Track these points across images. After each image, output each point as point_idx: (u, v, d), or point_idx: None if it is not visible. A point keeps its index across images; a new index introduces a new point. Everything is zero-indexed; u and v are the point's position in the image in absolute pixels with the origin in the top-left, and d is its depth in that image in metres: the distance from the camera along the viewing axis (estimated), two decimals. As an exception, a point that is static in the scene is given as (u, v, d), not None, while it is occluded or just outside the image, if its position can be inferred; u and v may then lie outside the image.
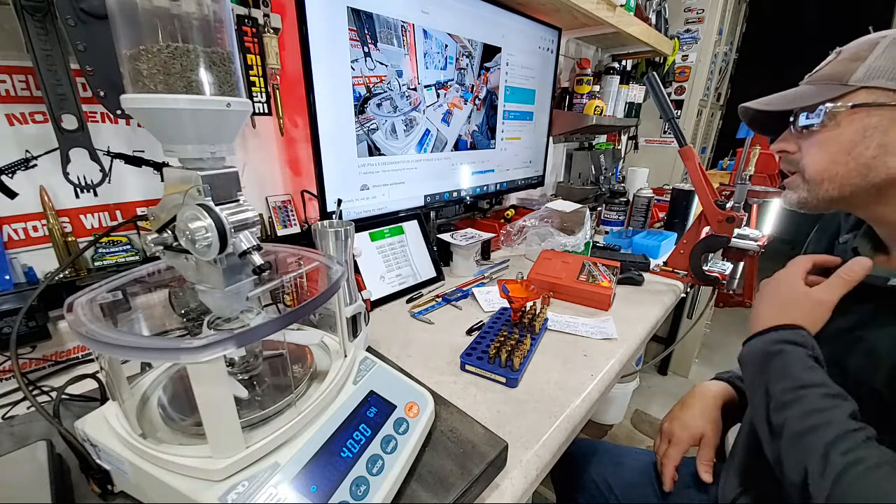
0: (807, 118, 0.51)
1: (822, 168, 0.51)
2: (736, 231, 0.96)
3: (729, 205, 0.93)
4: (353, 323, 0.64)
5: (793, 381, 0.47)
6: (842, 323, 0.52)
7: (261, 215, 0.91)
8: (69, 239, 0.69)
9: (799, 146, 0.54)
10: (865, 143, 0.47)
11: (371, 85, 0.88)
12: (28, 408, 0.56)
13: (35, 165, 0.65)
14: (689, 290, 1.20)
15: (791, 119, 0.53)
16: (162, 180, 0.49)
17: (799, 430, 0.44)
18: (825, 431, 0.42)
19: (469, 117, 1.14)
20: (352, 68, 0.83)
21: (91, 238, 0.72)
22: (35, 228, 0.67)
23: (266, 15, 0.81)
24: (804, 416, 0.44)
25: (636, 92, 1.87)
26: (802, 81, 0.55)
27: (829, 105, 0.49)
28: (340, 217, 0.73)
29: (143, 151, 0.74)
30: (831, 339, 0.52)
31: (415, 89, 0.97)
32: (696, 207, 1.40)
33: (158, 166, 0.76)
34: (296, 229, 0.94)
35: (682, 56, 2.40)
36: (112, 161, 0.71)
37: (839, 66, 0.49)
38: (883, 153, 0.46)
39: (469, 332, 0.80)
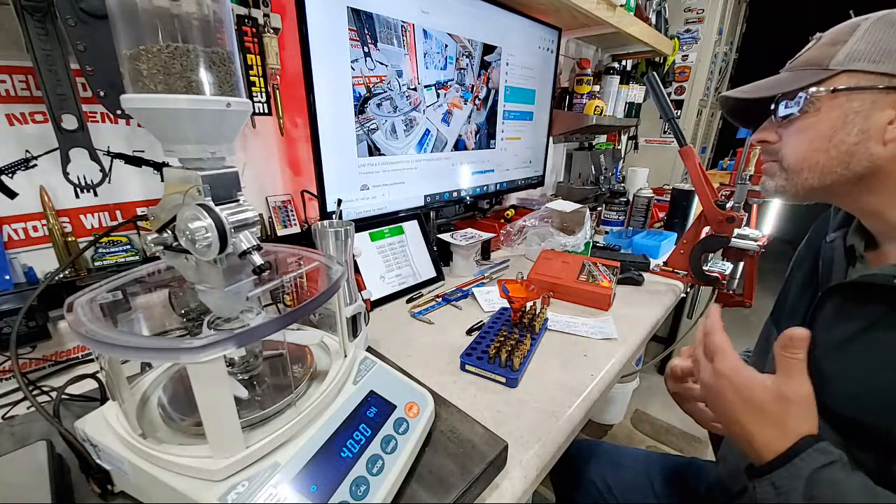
0: (786, 107, 0.49)
1: (801, 156, 0.48)
2: (736, 231, 0.96)
3: (729, 205, 0.93)
4: (353, 323, 0.64)
5: None
6: (844, 331, 0.47)
7: (261, 215, 0.91)
8: (69, 239, 0.69)
9: (780, 135, 0.51)
10: (847, 130, 0.45)
11: (371, 85, 0.88)
12: (28, 408, 0.56)
13: (35, 165, 0.65)
14: (689, 290, 1.20)
15: (772, 107, 0.51)
16: (162, 180, 0.49)
17: None
18: None
19: (469, 117, 1.14)
20: (352, 68, 0.83)
21: (91, 238, 0.72)
22: (35, 228, 0.67)
23: (266, 15, 0.81)
24: None
25: (636, 92, 1.87)
26: (783, 69, 0.53)
27: (809, 90, 0.46)
28: (340, 217, 0.73)
29: (143, 151, 0.74)
30: (833, 350, 0.47)
31: (415, 89, 0.97)
32: (696, 207, 1.41)
33: (158, 166, 0.76)
34: (296, 229, 0.94)
35: (682, 56, 2.40)
36: (112, 161, 0.71)
37: (819, 51, 0.47)
38: (865, 139, 0.44)
39: (469, 332, 0.80)
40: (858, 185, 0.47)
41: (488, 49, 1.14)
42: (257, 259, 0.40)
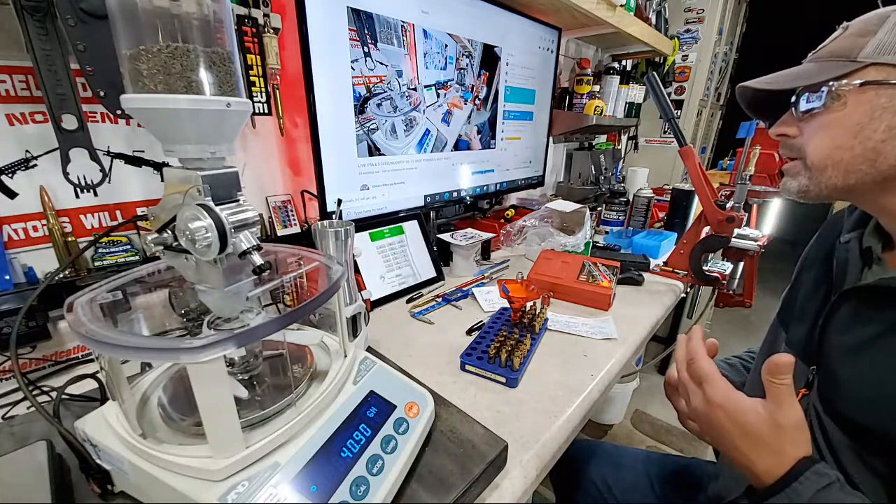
0: (808, 101, 0.47)
1: (825, 153, 0.46)
2: (736, 231, 0.96)
3: (729, 205, 0.93)
4: (353, 323, 0.64)
5: None
6: (860, 335, 0.46)
7: (261, 215, 0.91)
8: (69, 239, 0.69)
9: (800, 130, 0.49)
10: (874, 126, 0.43)
11: (371, 85, 0.88)
12: (28, 408, 0.56)
13: (35, 165, 0.65)
14: (689, 290, 1.20)
15: (792, 100, 0.49)
16: (162, 180, 0.49)
17: None
18: None
19: (469, 117, 1.14)
20: (352, 68, 0.83)
21: (91, 238, 0.72)
22: (35, 228, 0.67)
23: (266, 15, 0.81)
24: None
25: (636, 92, 1.87)
26: (806, 59, 0.50)
27: (834, 83, 0.44)
28: (340, 217, 0.73)
29: (143, 151, 0.74)
30: (847, 354, 0.47)
31: (415, 89, 0.97)
32: (696, 207, 1.41)
33: (158, 166, 0.76)
34: (296, 229, 0.94)
35: (682, 56, 2.40)
36: (112, 161, 0.71)
37: (846, 42, 0.45)
38: (893, 136, 0.42)
39: (469, 332, 0.80)
40: (880, 184, 0.45)
41: (488, 49, 1.14)
42: (257, 259, 0.40)
